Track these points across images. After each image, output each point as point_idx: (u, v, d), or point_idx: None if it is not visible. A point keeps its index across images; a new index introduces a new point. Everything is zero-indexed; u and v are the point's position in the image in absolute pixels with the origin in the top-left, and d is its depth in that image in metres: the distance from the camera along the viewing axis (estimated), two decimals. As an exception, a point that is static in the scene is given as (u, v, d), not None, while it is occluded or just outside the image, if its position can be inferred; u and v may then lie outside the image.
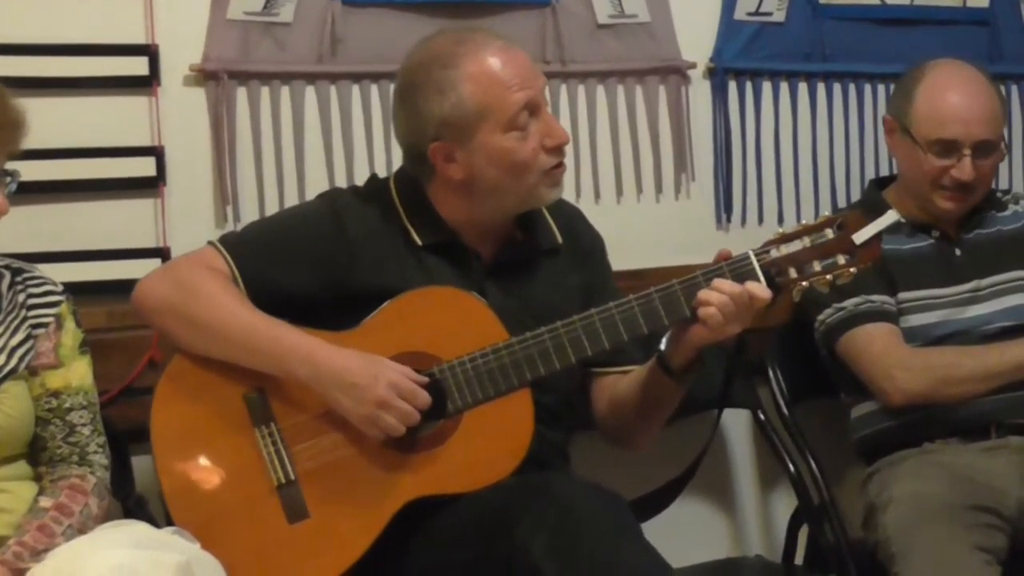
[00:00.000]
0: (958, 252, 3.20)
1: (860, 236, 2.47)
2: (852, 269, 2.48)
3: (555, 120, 2.62)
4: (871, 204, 3.21)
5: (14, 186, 2.40)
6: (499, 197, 2.60)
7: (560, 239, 2.75)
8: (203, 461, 2.54)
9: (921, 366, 3.05)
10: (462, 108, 2.54)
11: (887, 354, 3.06)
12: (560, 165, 2.60)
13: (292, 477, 2.51)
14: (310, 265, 2.60)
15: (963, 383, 3.04)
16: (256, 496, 2.51)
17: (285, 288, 2.59)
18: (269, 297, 2.58)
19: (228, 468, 2.53)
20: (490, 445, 2.50)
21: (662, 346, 2.58)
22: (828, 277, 2.48)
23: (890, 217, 2.51)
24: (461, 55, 2.56)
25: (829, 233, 2.48)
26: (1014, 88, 3.90)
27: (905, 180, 3.24)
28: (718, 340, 2.51)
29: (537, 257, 2.72)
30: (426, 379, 2.47)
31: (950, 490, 2.92)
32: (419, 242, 2.63)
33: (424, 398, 2.46)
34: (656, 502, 2.94)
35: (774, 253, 2.48)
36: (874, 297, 3.09)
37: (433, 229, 2.64)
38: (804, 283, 2.47)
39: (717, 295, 2.45)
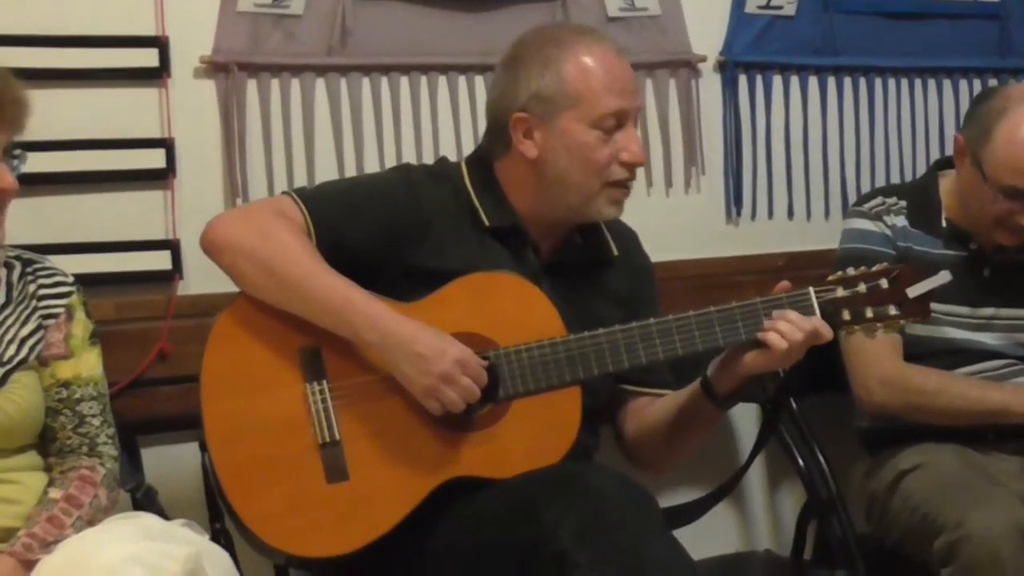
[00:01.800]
0: (987, 272, 3.13)
1: (914, 291, 2.50)
2: (901, 321, 2.52)
3: (638, 140, 2.63)
4: (924, 190, 3.19)
5: (22, 167, 2.39)
6: (562, 190, 2.61)
7: (616, 252, 2.77)
8: (250, 408, 2.51)
9: (901, 387, 3.04)
10: (558, 87, 2.57)
11: (874, 364, 3.06)
12: (626, 185, 2.62)
13: (337, 437, 2.49)
14: (381, 228, 2.59)
15: (936, 415, 3.03)
16: (298, 451, 2.49)
17: (352, 246, 2.58)
18: (335, 252, 2.56)
19: (274, 419, 2.50)
20: (537, 436, 2.51)
21: (708, 371, 2.59)
22: (878, 325, 2.51)
23: (943, 278, 2.52)
24: (576, 42, 2.60)
25: (884, 283, 2.50)
26: (1025, 83, 3.90)
27: (965, 203, 3.11)
28: (772, 369, 2.52)
29: (592, 264, 2.74)
30: (486, 361, 2.48)
31: (959, 463, 2.95)
32: (487, 223, 2.64)
33: (485, 379, 2.46)
34: (689, 513, 2.94)
35: (833, 293, 2.50)
36: None
37: (501, 212, 2.65)
38: (856, 327, 2.51)
39: (785, 324, 2.46)
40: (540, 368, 2.50)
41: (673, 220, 3.51)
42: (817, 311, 2.49)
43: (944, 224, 3.13)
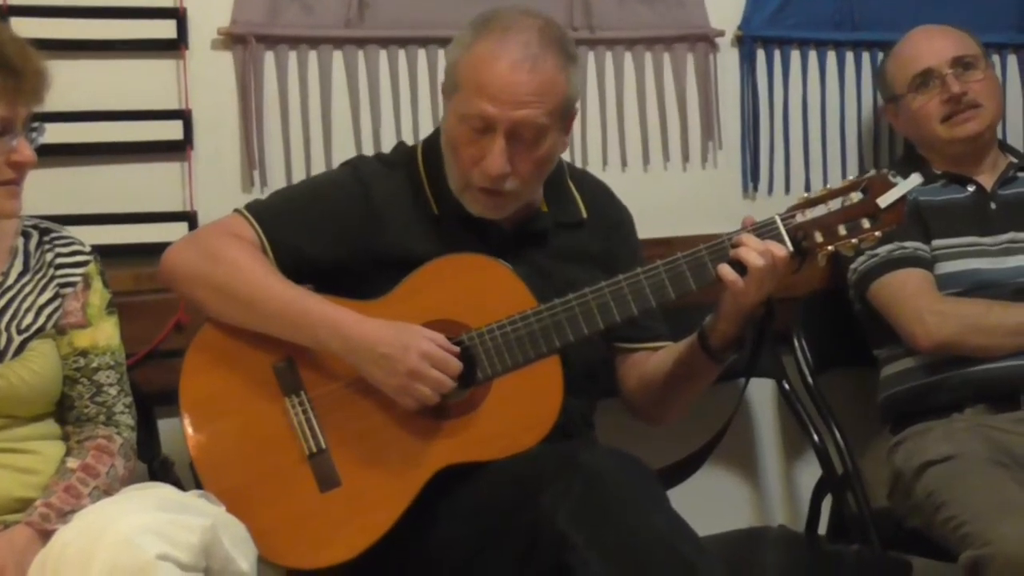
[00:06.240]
0: (993, 205, 3.22)
1: (884, 200, 2.47)
2: (877, 233, 2.48)
3: (498, 152, 2.49)
4: (908, 160, 3.31)
5: (40, 139, 2.39)
6: (448, 169, 2.61)
7: (585, 213, 2.74)
8: (234, 431, 2.54)
9: (951, 312, 3.05)
10: (452, 67, 2.57)
11: (918, 298, 3.07)
12: (487, 192, 2.55)
13: (323, 446, 2.51)
14: (337, 232, 2.60)
15: (992, 333, 3.03)
16: (287, 465, 2.51)
17: (311, 255, 2.60)
18: (295, 264, 2.59)
19: (259, 438, 2.53)
20: (520, 412, 2.50)
21: (705, 321, 2.58)
22: (853, 241, 2.47)
23: (914, 180, 2.50)
24: (489, 31, 2.53)
25: (854, 197, 2.48)
26: (1044, 58, 3.89)
27: (926, 141, 3.31)
28: (745, 306, 2.49)
29: (560, 230, 2.71)
30: (457, 348, 2.47)
31: (985, 449, 2.93)
32: (436, 211, 2.63)
33: (456, 365, 2.45)
34: (681, 471, 2.93)
35: (800, 217, 2.47)
36: (907, 243, 3.11)
37: (450, 198, 2.63)
38: (830, 247, 2.47)
39: (744, 251, 2.43)
40: (515, 343, 2.49)
41: (690, 195, 3.50)
42: (786, 238, 2.46)
43: (939, 172, 3.26)
